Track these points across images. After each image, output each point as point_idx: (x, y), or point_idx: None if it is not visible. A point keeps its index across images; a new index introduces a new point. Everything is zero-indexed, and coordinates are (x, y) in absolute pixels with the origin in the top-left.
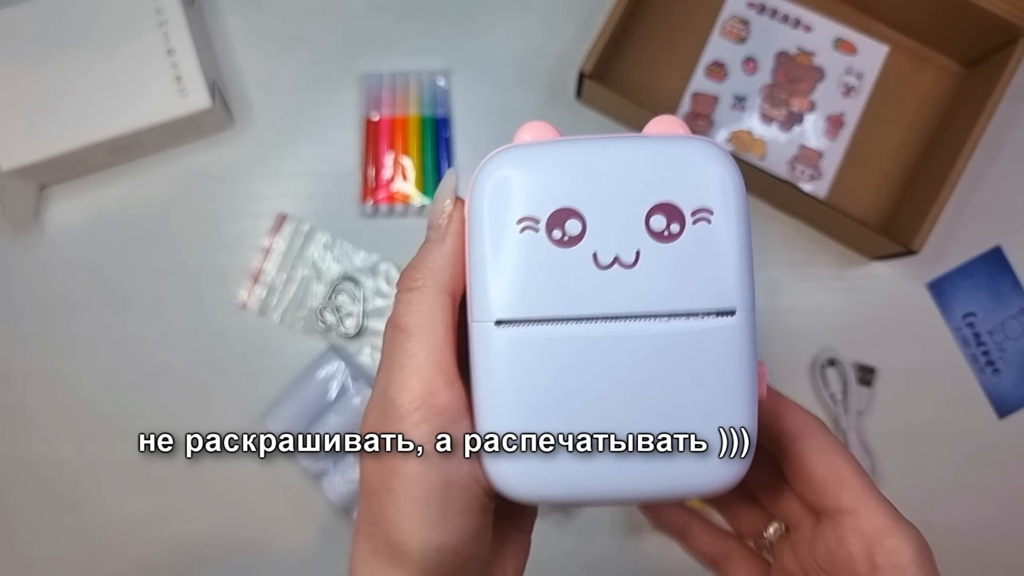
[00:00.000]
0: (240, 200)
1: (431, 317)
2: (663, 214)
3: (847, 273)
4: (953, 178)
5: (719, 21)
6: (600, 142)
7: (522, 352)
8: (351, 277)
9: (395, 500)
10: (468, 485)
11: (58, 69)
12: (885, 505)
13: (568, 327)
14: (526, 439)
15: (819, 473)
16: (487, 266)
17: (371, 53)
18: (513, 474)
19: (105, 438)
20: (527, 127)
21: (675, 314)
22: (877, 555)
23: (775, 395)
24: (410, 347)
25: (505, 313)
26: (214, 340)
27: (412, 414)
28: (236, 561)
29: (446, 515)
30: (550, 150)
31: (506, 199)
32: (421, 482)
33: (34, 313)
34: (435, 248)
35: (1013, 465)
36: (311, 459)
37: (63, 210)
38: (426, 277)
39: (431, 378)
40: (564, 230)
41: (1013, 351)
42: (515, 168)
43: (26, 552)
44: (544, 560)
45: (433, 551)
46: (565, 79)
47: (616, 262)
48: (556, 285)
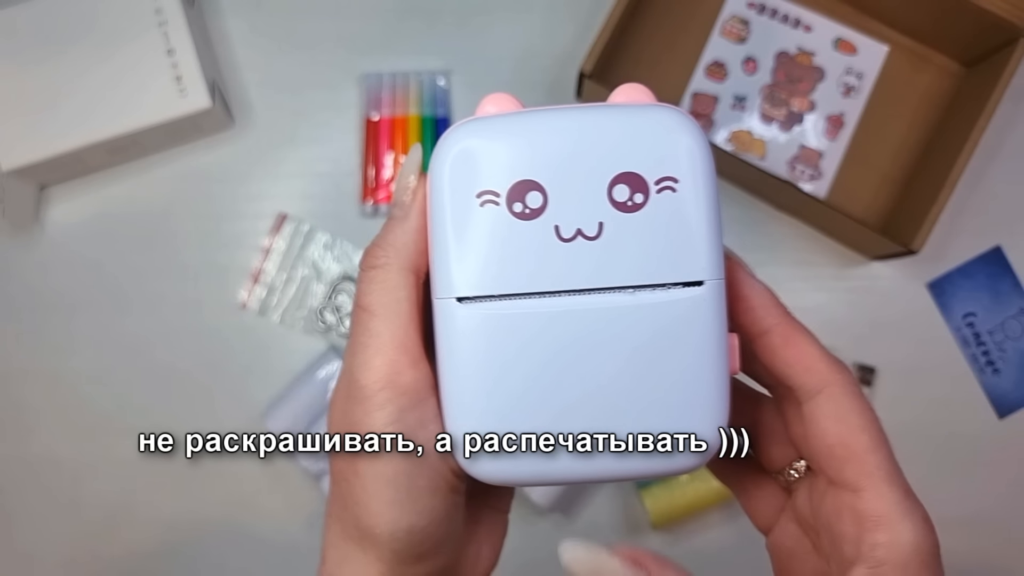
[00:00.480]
0: (240, 200)
1: (395, 296)
2: (626, 184)
3: (847, 273)
4: (953, 178)
5: (719, 21)
6: (562, 112)
7: (485, 329)
8: (351, 277)
9: (363, 483)
10: (435, 466)
11: (58, 69)
12: (892, 490)
13: (531, 302)
14: (501, 435)
15: (827, 442)
16: (448, 241)
17: (371, 53)
18: (486, 463)
19: (105, 438)
20: (489, 99)
21: (641, 286)
22: (864, 543)
23: (799, 343)
24: (373, 327)
25: (467, 289)
26: (214, 340)
27: (377, 394)
28: (236, 561)
29: (414, 496)
30: (511, 121)
31: (466, 172)
32: (389, 463)
33: (34, 313)
34: (398, 225)
35: (1013, 465)
36: (311, 459)
37: (63, 210)
38: (389, 255)
39: (395, 358)
40: (525, 203)
41: (1013, 351)
42: (475, 140)
43: (26, 551)
44: (544, 560)
45: (403, 533)
46: (565, 79)
47: (579, 234)
48: (518, 260)
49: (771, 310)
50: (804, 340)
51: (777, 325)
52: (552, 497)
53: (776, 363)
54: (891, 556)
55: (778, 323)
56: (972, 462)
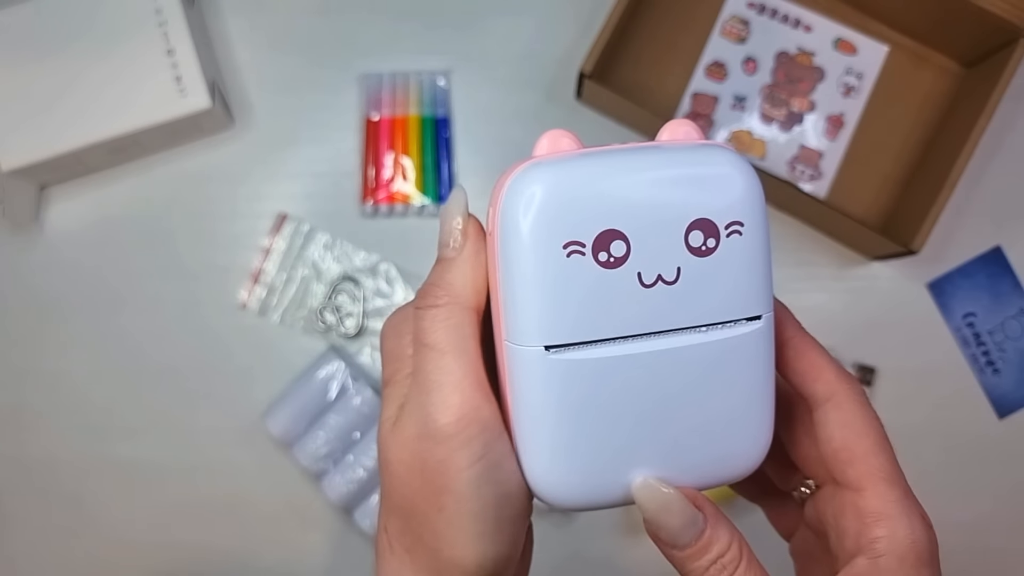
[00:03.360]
0: (240, 200)
1: (461, 333)
2: (700, 230)
3: (847, 273)
4: (953, 178)
5: (719, 21)
6: (629, 156)
7: (570, 374)
8: (351, 277)
9: (447, 518)
10: (518, 495)
11: (58, 69)
12: (892, 490)
13: (616, 347)
14: (581, 469)
15: (832, 446)
16: (532, 291)
17: (371, 53)
18: (566, 492)
19: (105, 438)
20: (548, 136)
21: (712, 324)
22: (863, 538)
23: (811, 355)
24: (444, 364)
25: (555, 338)
26: (214, 340)
27: (461, 432)
28: (236, 561)
29: (501, 527)
30: (580, 167)
31: (547, 221)
32: (475, 498)
33: (34, 313)
34: (454, 266)
35: (1013, 465)
36: (311, 459)
37: (63, 210)
38: (449, 295)
39: (472, 394)
40: (610, 252)
41: (1013, 351)
42: (549, 187)
43: (25, 552)
44: (544, 560)
45: (490, 563)
46: (565, 79)
47: (659, 280)
48: (604, 307)
49: (787, 323)
50: (815, 352)
51: (792, 338)
52: None
53: (790, 374)
54: (889, 548)
55: (793, 336)
56: (972, 462)
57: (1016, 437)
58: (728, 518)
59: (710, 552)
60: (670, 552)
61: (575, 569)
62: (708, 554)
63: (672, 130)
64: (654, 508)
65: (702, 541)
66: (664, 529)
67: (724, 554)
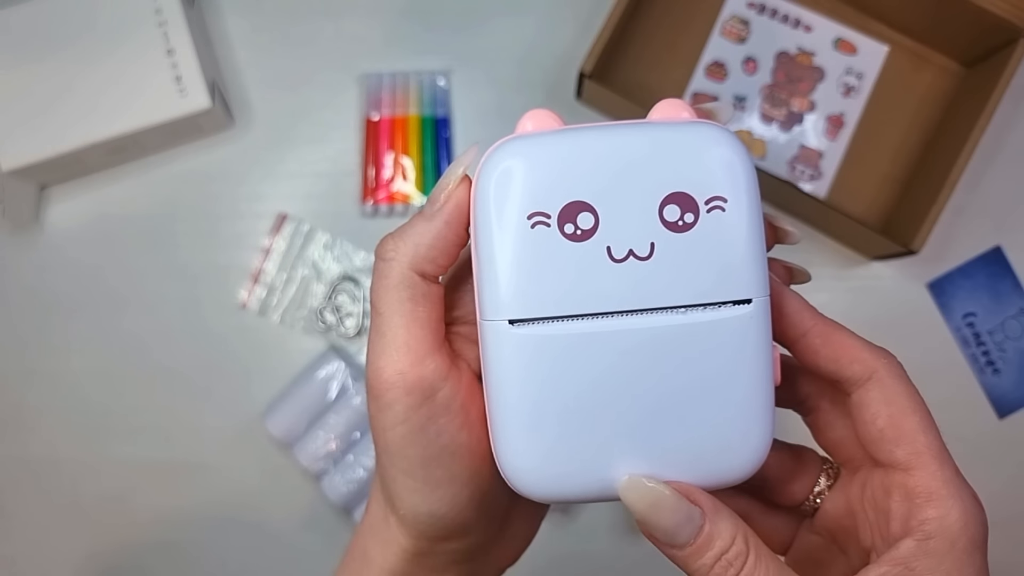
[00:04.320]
0: (240, 200)
1: (397, 295)
2: (677, 204)
3: (847, 273)
4: (953, 178)
5: (719, 21)
6: (607, 130)
7: (537, 350)
8: (351, 277)
9: (383, 468)
10: (452, 455)
11: (58, 69)
12: (943, 469)
13: (584, 323)
14: (552, 455)
15: (878, 425)
16: (497, 263)
17: (371, 53)
18: (535, 480)
19: (105, 438)
20: (529, 115)
21: (692, 305)
22: (913, 519)
23: (839, 338)
24: (378, 325)
25: (519, 312)
26: (214, 340)
27: (384, 395)
28: (236, 561)
29: (432, 486)
30: (557, 140)
31: (514, 192)
32: (401, 457)
33: (34, 313)
34: (421, 223)
35: (1013, 465)
36: (311, 459)
37: (63, 210)
38: (398, 249)
39: (397, 358)
40: (576, 224)
41: (1013, 351)
42: (522, 160)
43: (25, 551)
44: (544, 560)
45: (424, 516)
46: (565, 79)
47: (631, 255)
48: (570, 281)
49: (804, 313)
50: (844, 334)
51: (814, 326)
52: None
53: (820, 361)
54: (940, 530)
55: (814, 324)
56: (972, 462)
57: (1016, 437)
58: (730, 510)
59: (712, 548)
60: (670, 552)
61: (575, 569)
62: (710, 551)
63: (663, 109)
64: (644, 507)
65: (701, 538)
66: (658, 529)
67: (728, 549)
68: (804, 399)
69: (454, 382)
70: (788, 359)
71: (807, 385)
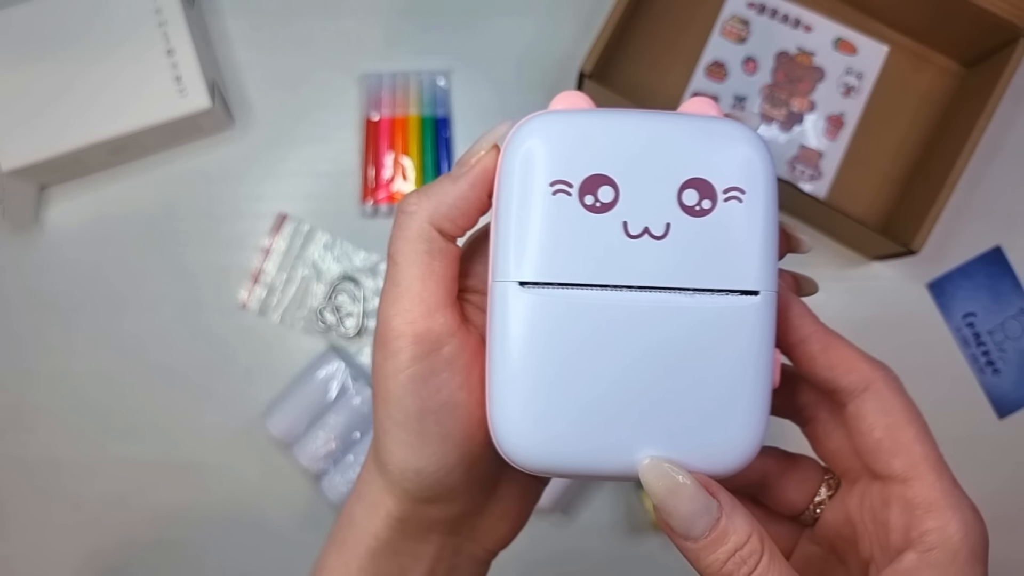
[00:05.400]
0: (240, 200)
1: (415, 247)
2: (695, 189)
3: (847, 273)
4: (953, 178)
5: (719, 21)
6: (636, 114)
7: (542, 314)
8: (351, 277)
9: (379, 420)
10: (449, 412)
11: (58, 69)
12: (941, 480)
13: (592, 293)
14: (543, 422)
15: (875, 436)
16: (514, 226)
17: (371, 53)
18: (527, 446)
19: (105, 438)
20: (561, 96)
21: (700, 289)
22: (913, 531)
23: (838, 347)
24: (393, 275)
25: (530, 274)
26: (214, 340)
27: (392, 342)
28: (236, 561)
29: (424, 440)
30: (585, 117)
31: (540, 161)
32: (399, 406)
33: (34, 313)
34: (447, 182)
35: (1013, 465)
36: (311, 459)
37: (63, 210)
38: (421, 204)
39: (409, 307)
40: (597, 196)
41: (1013, 351)
42: (550, 132)
43: (25, 552)
44: (544, 560)
45: (412, 473)
46: (565, 79)
47: (646, 232)
48: (584, 251)
49: (805, 319)
50: (841, 343)
51: (814, 332)
52: (553, 496)
53: (817, 368)
54: (941, 541)
55: (815, 331)
56: (972, 462)
57: (1016, 437)
58: (745, 508)
59: (726, 543)
60: (683, 544)
61: (575, 569)
62: (724, 545)
63: (694, 105)
64: (663, 491)
65: (717, 531)
66: (674, 516)
67: (742, 546)
68: (802, 408)
69: (461, 340)
70: (787, 368)
71: (805, 394)
